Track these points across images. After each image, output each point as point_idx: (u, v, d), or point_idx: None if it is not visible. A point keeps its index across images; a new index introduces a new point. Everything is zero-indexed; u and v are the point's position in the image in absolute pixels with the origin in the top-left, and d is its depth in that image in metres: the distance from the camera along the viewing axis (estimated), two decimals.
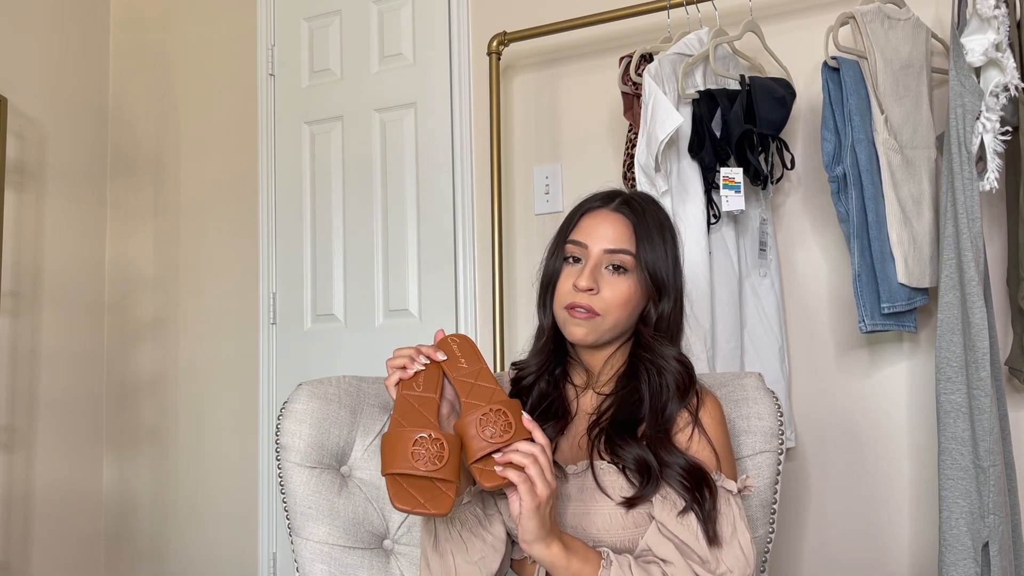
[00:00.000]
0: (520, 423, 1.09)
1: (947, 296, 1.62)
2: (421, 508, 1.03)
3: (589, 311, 1.19)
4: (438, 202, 2.50)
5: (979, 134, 1.61)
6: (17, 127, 2.71)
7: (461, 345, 1.21)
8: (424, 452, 1.05)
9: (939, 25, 1.93)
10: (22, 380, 2.70)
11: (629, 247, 1.20)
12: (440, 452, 1.06)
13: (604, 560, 1.08)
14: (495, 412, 1.09)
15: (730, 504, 1.14)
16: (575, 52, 2.34)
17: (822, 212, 2.03)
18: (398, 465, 1.04)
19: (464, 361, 1.18)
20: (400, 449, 1.05)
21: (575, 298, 1.20)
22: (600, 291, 1.19)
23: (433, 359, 1.16)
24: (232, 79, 2.86)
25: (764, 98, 1.83)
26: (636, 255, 1.20)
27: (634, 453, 1.14)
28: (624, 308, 1.20)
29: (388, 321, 2.56)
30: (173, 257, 2.91)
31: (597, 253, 1.21)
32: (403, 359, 1.15)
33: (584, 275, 1.19)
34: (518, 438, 1.07)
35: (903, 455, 1.95)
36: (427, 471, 1.04)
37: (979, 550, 1.56)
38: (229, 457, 2.76)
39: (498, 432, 1.07)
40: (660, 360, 1.20)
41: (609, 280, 1.20)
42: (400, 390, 1.14)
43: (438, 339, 1.21)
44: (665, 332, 1.22)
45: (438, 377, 1.16)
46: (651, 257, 1.20)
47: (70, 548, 2.81)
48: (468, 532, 1.17)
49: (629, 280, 1.20)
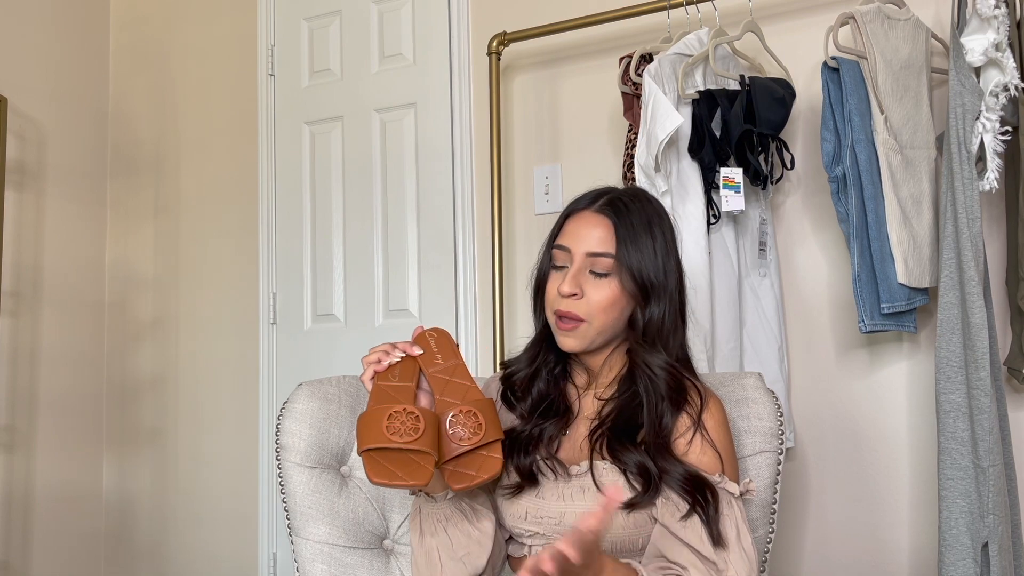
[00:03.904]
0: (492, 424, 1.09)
1: (947, 296, 1.62)
2: (399, 480, 1.02)
3: (574, 319, 1.19)
4: (438, 202, 2.50)
5: (979, 134, 1.61)
6: (17, 127, 2.71)
7: (439, 340, 1.20)
8: (399, 426, 1.04)
9: (939, 25, 1.93)
10: (22, 380, 2.70)
11: (610, 249, 1.19)
12: (416, 424, 1.05)
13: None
14: (465, 413, 1.09)
15: (732, 506, 1.13)
16: (575, 52, 2.34)
17: (822, 212, 2.03)
18: (373, 439, 1.03)
19: (440, 356, 1.17)
20: (374, 424, 1.05)
21: (560, 304, 1.19)
22: (584, 295, 1.19)
23: (409, 353, 1.16)
24: (232, 79, 2.86)
25: (764, 98, 1.83)
26: (617, 257, 1.19)
27: (635, 459, 1.14)
28: (609, 312, 1.19)
29: (388, 321, 2.56)
30: (173, 257, 2.91)
31: (580, 257, 1.20)
32: (377, 354, 1.16)
33: (567, 280, 1.19)
34: (488, 439, 1.07)
35: (903, 455, 1.95)
36: (403, 443, 1.03)
37: (979, 550, 1.56)
38: (229, 457, 2.76)
39: (468, 434, 1.06)
40: (647, 369, 1.19)
41: (593, 284, 1.19)
42: (376, 381, 1.13)
43: (416, 335, 1.21)
44: (657, 336, 1.20)
45: (414, 370, 1.16)
46: (635, 258, 1.18)
47: (70, 548, 2.81)
48: (453, 527, 1.17)
49: (612, 283, 1.19)
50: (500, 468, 1.10)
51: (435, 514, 1.17)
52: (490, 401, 1.12)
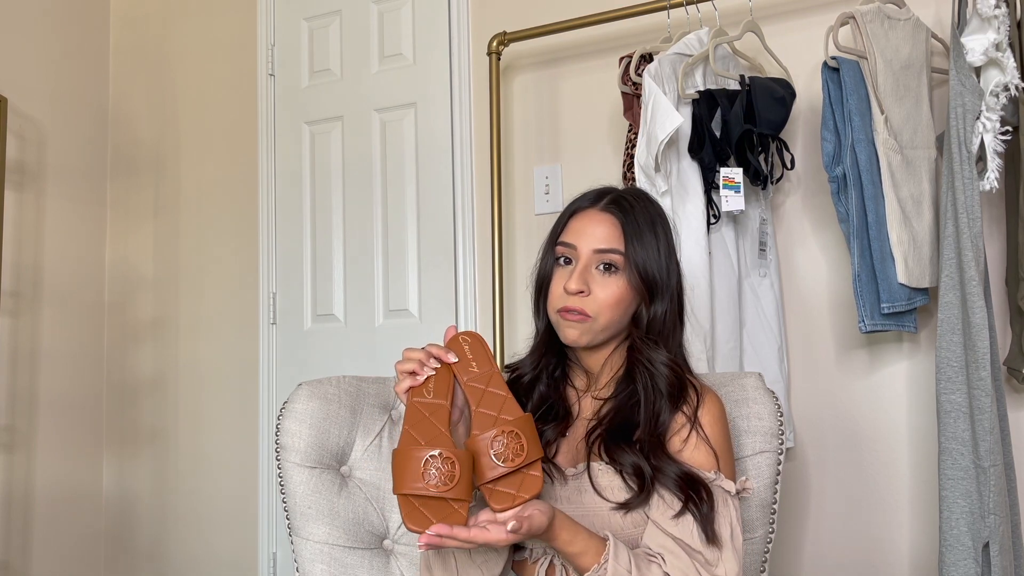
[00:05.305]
0: (533, 444, 1.07)
1: (947, 296, 1.62)
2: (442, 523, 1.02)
3: (581, 314, 1.18)
4: (438, 202, 2.50)
5: (979, 134, 1.61)
6: (17, 127, 2.71)
7: (473, 345, 1.18)
8: (435, 472, 1.03)
9: (939, 25, 1.93)
10: (22, 380, 2.70)
11: (618, 246, 1.19)
12: (451, 472, 1.04)
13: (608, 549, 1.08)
14: (508, 434, 1.08)
15: (727, 505, 1.13)
16: (575, 52, 2.34)
17: (822, 212, 2.03)
18: (409, 486, 1.03)
19: (475, 364, 1.15)
20: (411, 469, 1.04)
21: (567, 301, 1.19)
22: (591, 292, 1.19)
23: (444, 361, 1.13)
24: (232, 79, 2.86)
25: (764, 98, 1.83)
26: (625, 254, 1.19)
27: (630, 460, 1.14)
28: (616, 308, 1.20)
29: (388, 321, 2.56)
30: (173, 257, 2.91)
31: (587, 254, 1.20)
32: (413, 363, 1.12)
33: (574, 277, 1.18)
34: (530, 459, 1.06)
35: (903, 455, 1.95)
36: (439, 492, 1.03)
37: (979, 550, 1.55)
38: (229, 457, 2.75)
39: (510, 455, 1.05)
40: (650, 365, 1.19)
41: (600, 280, 1.20)
42: (410, 397, 1.11)
43: (448, 337, 1.18)
44: (659, 334, 1.20)
45: (449, 381, 1.13)
46: (641, 256, 1.19)
47: (70, 548, 2.81)
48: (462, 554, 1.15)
49: (620, 280, 1.19)
50: (541, 487, 1.08)
51: None
52: (529, 417, 1.10)
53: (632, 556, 1.08)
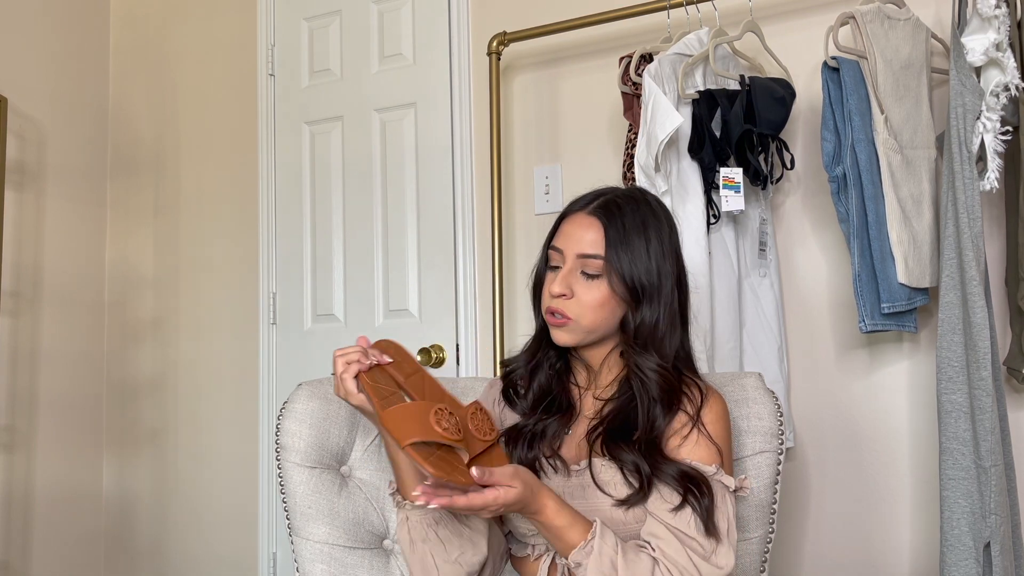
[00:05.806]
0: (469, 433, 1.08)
1: (948, 296, 1.62)
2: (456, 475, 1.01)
3: (564, 316, 1.20)
4: (438, 202, 2.50)
5: (979, 134, 1.61)
6: (17, 127, 2.71)
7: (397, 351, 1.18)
8: (445, 423, 1.04)
9: (939, 25, 1.93)
10: (22, 380, 2.70)
11: (599, 252, 1.19)
12: (456, 424, 1.06)
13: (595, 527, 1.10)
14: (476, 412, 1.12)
15: (726, 501, 1.15)
16: (575, 52, 2.34)
17: (822, 212, 2.03)
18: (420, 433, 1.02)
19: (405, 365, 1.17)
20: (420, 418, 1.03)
21: (551, 303, 1.21)
22: (574, 295, 1.20)
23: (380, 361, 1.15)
24: (232, 79, 2.86)
25: (764, 98, 1.83)
26: (606, 259, 1.19)
27: (631, 457, 1.15)
28: (599, 312, 1.20)
29: (388, 321, 2.56)
30: (173, 257, 2.91)
31: (571, 258, 1.21)
32: (356, 354, 1.13)
33: (557, 281, 1.20)
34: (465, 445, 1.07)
35: (903, 455, 1.95)
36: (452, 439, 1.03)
37: (980, 550, 1.55)
38: (229, 457, 2.75)
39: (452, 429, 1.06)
40: (639, 371, 1.20)
41: (583, 284, 1.21)
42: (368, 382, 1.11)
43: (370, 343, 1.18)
44: (649, 339, 1.20)
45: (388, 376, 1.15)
46: (624, 261, 1.18)
47: (70, 548, 2.81)
48: (444, 529, 1.17)
49: (602, 285, 1.20)
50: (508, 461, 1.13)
51: (424, 519, 1.18)
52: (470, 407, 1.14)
53: (619, 541, 1.10)
